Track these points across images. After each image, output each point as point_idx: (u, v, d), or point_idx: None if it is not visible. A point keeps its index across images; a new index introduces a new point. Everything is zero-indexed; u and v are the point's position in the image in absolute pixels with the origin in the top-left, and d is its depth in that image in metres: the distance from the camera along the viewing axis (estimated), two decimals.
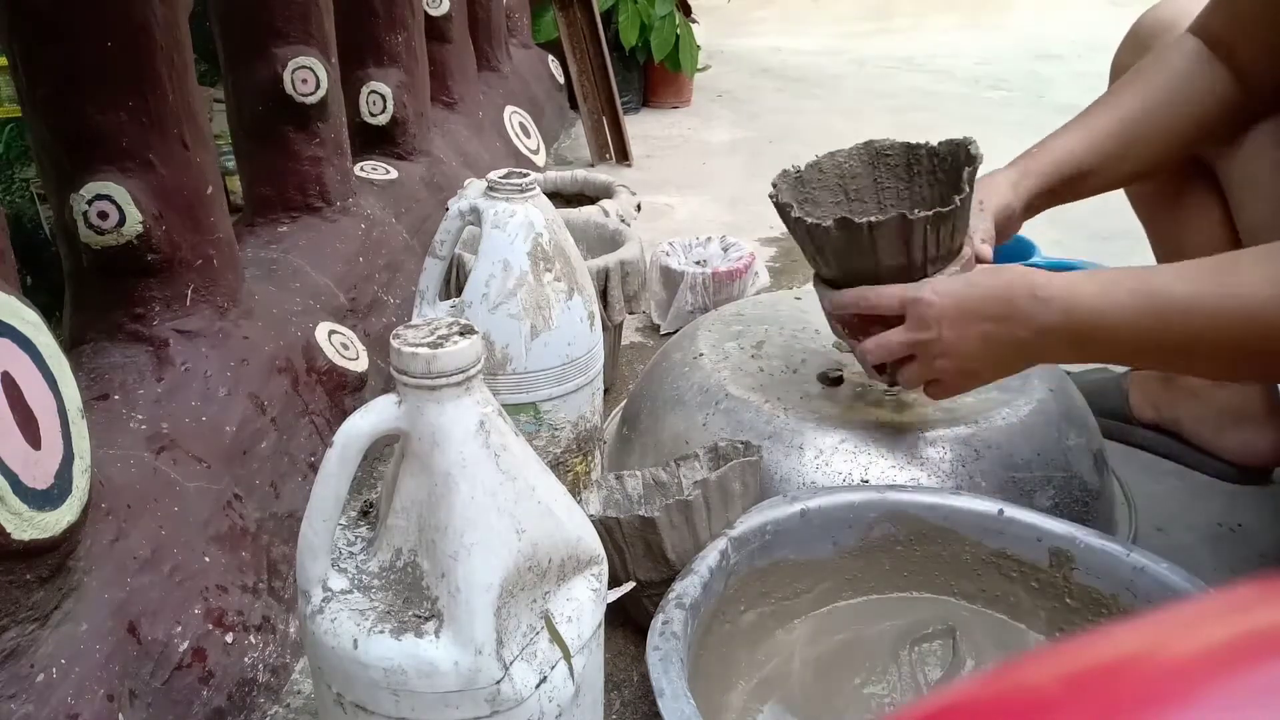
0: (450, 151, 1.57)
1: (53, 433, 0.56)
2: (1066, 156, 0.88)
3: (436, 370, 0.50)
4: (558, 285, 0.78)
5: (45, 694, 0.55)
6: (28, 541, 0.52)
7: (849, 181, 0.89)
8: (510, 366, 0.78)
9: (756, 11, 4.37)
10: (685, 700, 0.58)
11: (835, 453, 0.83)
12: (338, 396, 0.98)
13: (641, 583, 0.76)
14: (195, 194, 0.82)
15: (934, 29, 4.08)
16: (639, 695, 0.79)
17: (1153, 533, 0.98)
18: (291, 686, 0.79)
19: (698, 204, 2.03)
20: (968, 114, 2.70)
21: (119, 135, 0.77)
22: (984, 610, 0.77)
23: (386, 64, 1.37)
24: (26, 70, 0.75)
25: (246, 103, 1.08)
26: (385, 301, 1.18)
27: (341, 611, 0.52)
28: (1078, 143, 0.88)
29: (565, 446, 0.83)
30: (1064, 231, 1.69)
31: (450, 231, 0.81)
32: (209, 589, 0.71)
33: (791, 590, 0.78)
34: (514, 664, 0.52)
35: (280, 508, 0.85)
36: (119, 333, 0.80)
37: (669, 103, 2.77)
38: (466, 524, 0.50)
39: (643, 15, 2.45)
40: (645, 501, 0.88)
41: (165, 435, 0.76)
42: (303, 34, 1.07)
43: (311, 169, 1.11)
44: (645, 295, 1.28)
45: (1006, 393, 0.89)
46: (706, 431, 0.88)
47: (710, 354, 0.96)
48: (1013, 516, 0.75)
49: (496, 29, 2.05)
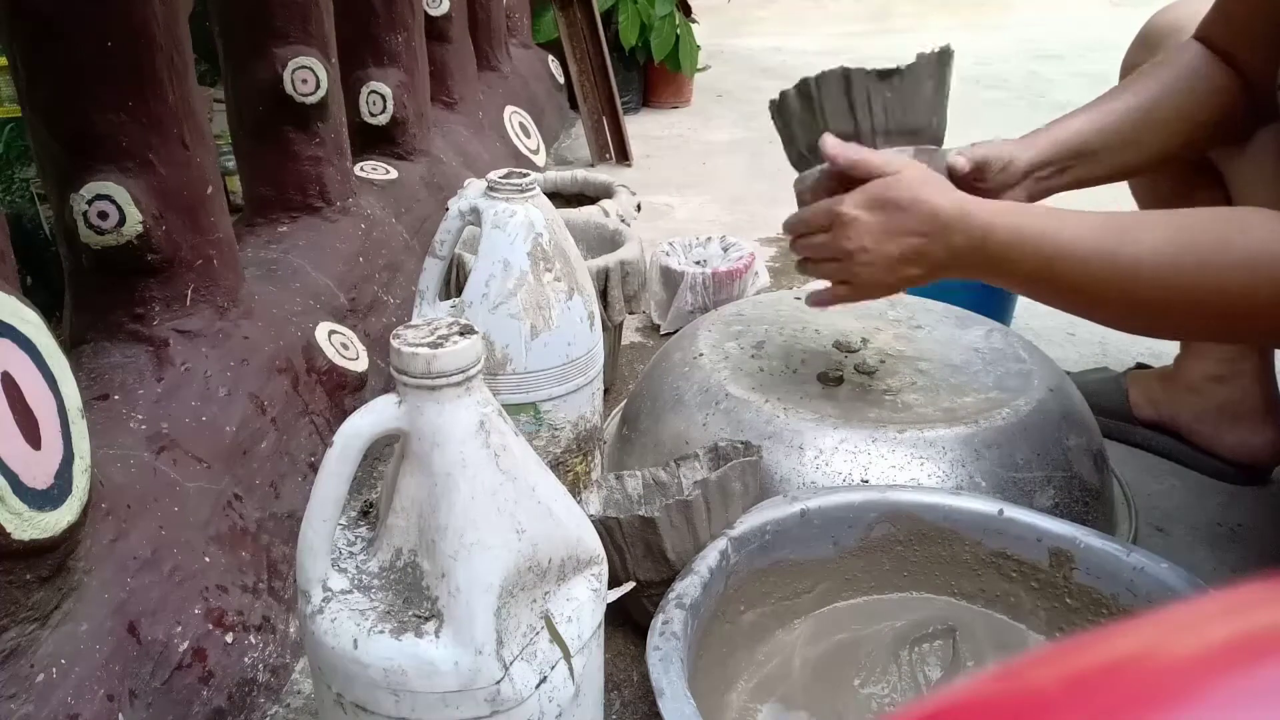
0: (450, 151, 1.57)
1: (53, 433, 0.56)
2: (1073, 135, 0.89)
3: (436, 370, 0.50)
4: (558, 285, 0.78)
5: (45, 694, 0.55)
6: (28, 541, 0.52)
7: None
8: (510, 366, 0.78)
9: (756, 11, 4.37)
10: (685, 700, 0.58)
11: (835, 453, 0.83)
12: (338, 396, 0.98)
13: (641, 583, 0.76)
14: (195, 194, 0.82)
15: (934, 29, 4.08)
16: (639, 695, 0.79)
17: (1153, 533, 0.98)
18: (291, 686, 0.79)
19: (698, 204, 2.03)
20: (968, 114, 2.69)
21: (119, 135, 0.77)
22: (984, 610, 0.77)
23: (386, 64, 1.37)
24: (26, 70, 0.75)
25: (246, 103, 1.08)
26: (385, 301, 1.18)
27: (341, 611, 0.52)
28: (1086, 123, 0.89)
29: (565, 446, 0.83)
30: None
31: (450, 231, 0.81)
32: (209, 589, 0.71)
33: (791, 590, 0.78)
34: (514, 664, 0.52)
35: (280, 508, 0.85)
36: (119, 333, 0.80)
37: (669, 103, 2.77)
38: (466, 524, 0.50)
39: (643, 15, 2.45)
40: (645, 501, 0.88)
41: (165, 435, 0.76)
42: (303, 34, 1.07)
43: (311, 169, 1.11)
44: (645, 295, 1.28)
45: (1006, 393, 0.89)
46: (706, 431, 0.88)
47: (710, 354, 0.96)
48: (1013, 516, 0.75)
49: (496, 29, 2.05)
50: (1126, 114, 0.89)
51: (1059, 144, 0.89)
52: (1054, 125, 0.90)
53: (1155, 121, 0.88)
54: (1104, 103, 0.91)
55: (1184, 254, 0.65)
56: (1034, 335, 1.34)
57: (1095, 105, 0.91)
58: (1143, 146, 0.89)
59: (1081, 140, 0.89)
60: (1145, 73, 0.91)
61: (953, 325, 1.02)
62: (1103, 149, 0.89)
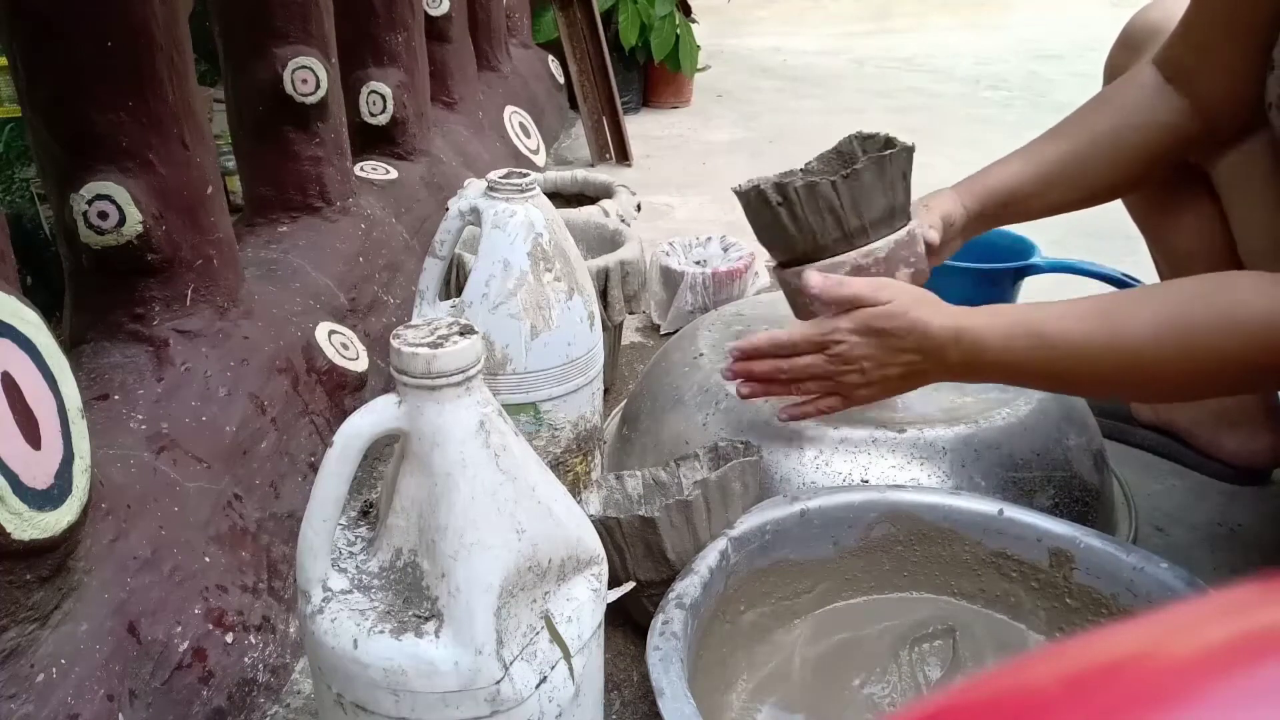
0: (450, 151, 1.57)
1: (53, 433, 0.56)
2: (1000, 184, 0.92)
3: (436, 370, 0.50)
4: (558, 285, 0.78)
5: (45, 694, 0.55)
6: (28, 541, 0.52)
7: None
8: (510, 366, 0.78)
9: (756, 11, 4.37)
10: (685, 700, 0.58)
11: (835, 453, 0.83)
12: (338, 396, 0.98)
13: (641, 583, 0.76)
14: (195, 194, 0.82)
15: (934, 29, 4.08)
16: (639, 695, 0.79)
17: (1153, 533, 0.98)
18: (291, 686, 0.79)
19: (698, 204, 2.03)
20: (967, 114, 2.70)
21: (119, 135, 0.77)
22: (984, 610, 0.77)
23: (386, 64, 1.37)
24: (26, 70, 0.75)
25: (246, 103, 1.08)
26: (385, 301, 1.18)
27: (341, 611, 0.52)
28: (1017, 171, 0.92)
29: (565, 446, 0.83)
30: (1064, 231, 1.69)
31: (450, 231, 0.81)
32: (209, 589, 0.72)
33: (791, 590, 0.78)
34: (514, 664, 0.52)
35: (280, 508, 0.85)
36: (119, 333, 0.80)
37: (669, 103, 2.78)
38: (466, 524, 0.50)
39: (643, 15, 2.45)
40: (645, 501, 0.88)
41: (165, 435, 0.76)
42: (303, 34, 1.07)
43: (311, 169, 1.12)
44: (645, 295, 1.28)
45: (1007, 392, 0.89)
46: (706, 431, 0.88)
47: (710, 354, 0.96)
48: (1013, 516, 0.75)
49: (496, 29, 2.05)
50: (1060, 159, 0.91)
51: (990, 192, 0.92)
52: (986, 172, 0.93)
53: (1095, 161, 0.90)
54: (1040, 144, 0.93)
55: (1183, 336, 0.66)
56: None
57: (1030, 148, 0.93)
58: (1081, 187, 0.92)
59: (1009, 190, 0.92)
60: (1087, 109, 0.92)
61: None
62: (1034, 194, 0.92)
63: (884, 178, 0.81)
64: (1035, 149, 0.93)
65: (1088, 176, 0.91)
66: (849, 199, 0.80)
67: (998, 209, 0.93)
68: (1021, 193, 0.92)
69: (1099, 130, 0.90)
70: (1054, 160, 0.91)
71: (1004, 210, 0.93)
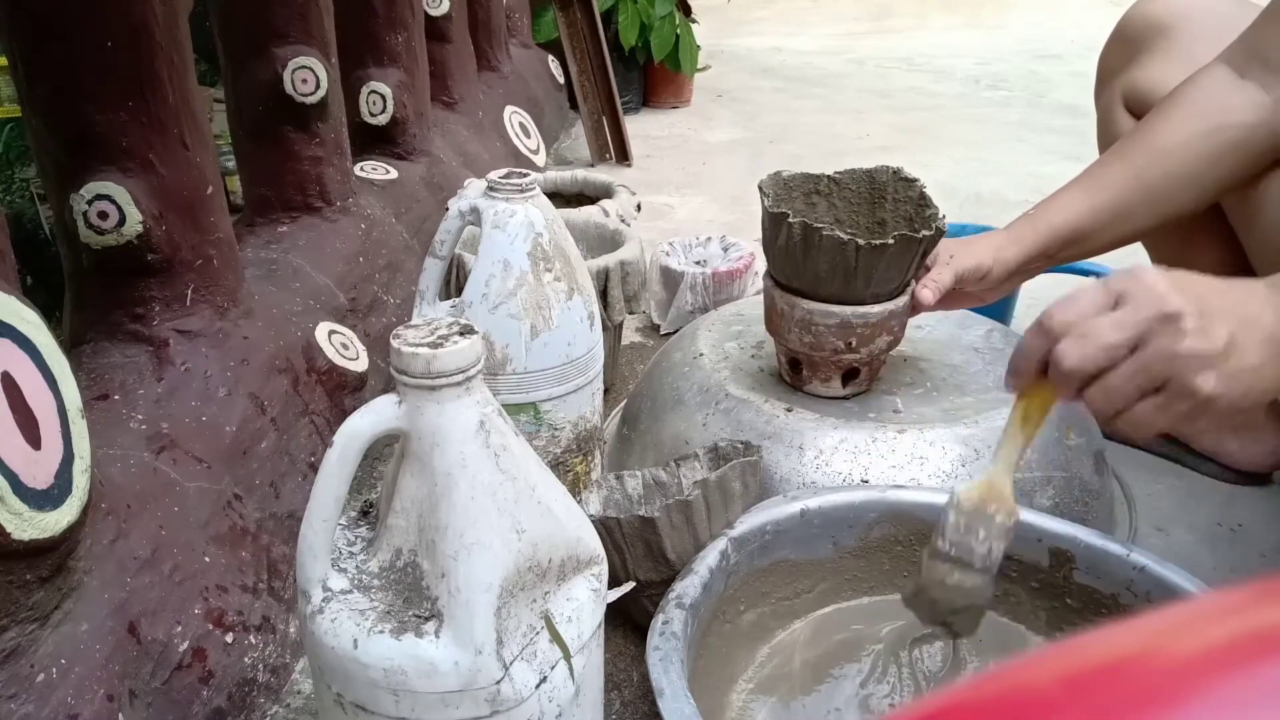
0: (450, 151, 1.57)
1: (53, 433, 0.56)
2: (1064, 223, 0.83)
3: (436, 370, 0.50)
4: (558, 285, 0.78)
5: (45, 694, 0.55)
6: (28, 541, 0.52)
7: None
8: (510, 366, 0.78)
9: (756, 11, 4.37)
10: (685, 700, 0.58)
11: (835, 453, 0.83)
12: (338, 396, 0.98)
13: (641, 583, 0.76)
14: (195, 194, 0.82)
15: (934, 29, 4.08)
16: (639, 695, 0.79)
17: (1153, 533, 0.98)
18: (291, 686, 0.79)
19: (698, 204, 2.03)
20: (968, 114, 2.70)
21: (119, 135, 0.77)
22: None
23: (386, 64, 1.37)
24: (26, 70, 0.75)
25: (246, 103, 1.08)
26: (385, 301, 1.18)
27: (341, 611, 0.52)
28: (1082, 204, 0.82)
29: (565, 446, 0.83)
30: None
31: (450, 231, 0.81)
32: (209, 589, 0.72)
33: (791, 590, 0.78)
34: (514, 664, 0.52)
35: (280, 508, 0.85)
36: (119, 333, 0.80)
37: (669, 103, 2.77)
38: (466, 524, 0.50)
39: (643, 15, 2.45)
40: (645, 501, 0.88)
41: (165, 435, 0.76)
42: (303, 34, 1.07)
43: (311, 169, 1.12)
44: (645, 295, 1.28)
45: (1006, 392, 0.89)
46: (706, 431, 0.88)
47: (710, 354, 0.96)
48: None
49: (496, 29, 2.05)
50: (1126, 184, 0.81)
51: (1054, 230, 0.83)
52: (1047, 206, 0.84)
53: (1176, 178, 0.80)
54: (1100, 172, 0.84)
55: None
56: None
57: (1091, 179, 0.84)
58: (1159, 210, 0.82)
59: (1073, 228, 0.83)
60: (1154, 124, 0.82)
61: (952, 325, 1.02)
62: (1104, 226, 0.83)
63: (907, 254, 0.80)
64: (1096, 176, 0.84)
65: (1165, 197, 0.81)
66: (866, 264, 0.79)
67: (1063, 247, 0.84)
68: (1090, 228, 0.82)
69: (1170, 144, 0.80)
70: (1120, 185, 0.81)
71: (1071, 249, 0.84)
